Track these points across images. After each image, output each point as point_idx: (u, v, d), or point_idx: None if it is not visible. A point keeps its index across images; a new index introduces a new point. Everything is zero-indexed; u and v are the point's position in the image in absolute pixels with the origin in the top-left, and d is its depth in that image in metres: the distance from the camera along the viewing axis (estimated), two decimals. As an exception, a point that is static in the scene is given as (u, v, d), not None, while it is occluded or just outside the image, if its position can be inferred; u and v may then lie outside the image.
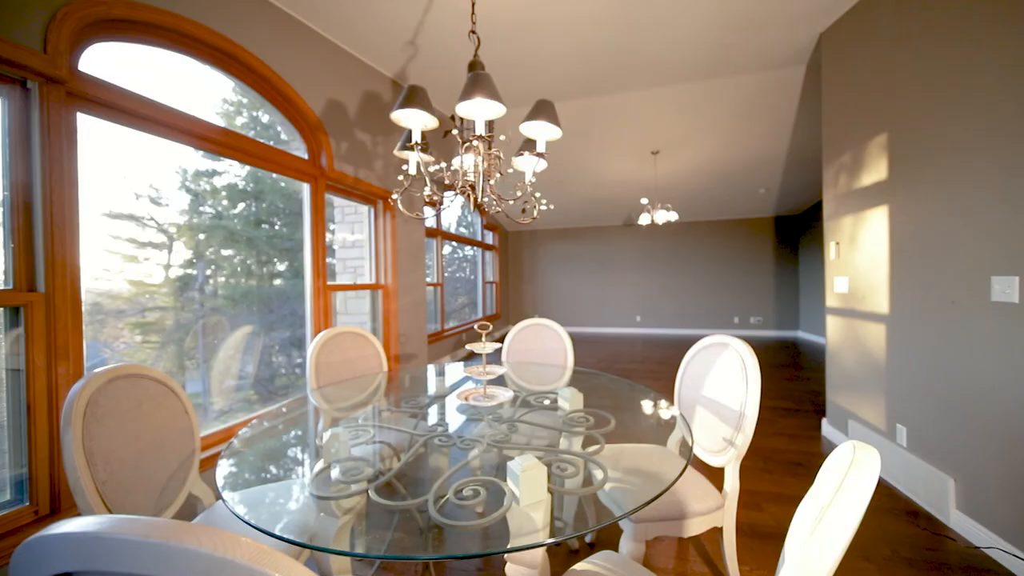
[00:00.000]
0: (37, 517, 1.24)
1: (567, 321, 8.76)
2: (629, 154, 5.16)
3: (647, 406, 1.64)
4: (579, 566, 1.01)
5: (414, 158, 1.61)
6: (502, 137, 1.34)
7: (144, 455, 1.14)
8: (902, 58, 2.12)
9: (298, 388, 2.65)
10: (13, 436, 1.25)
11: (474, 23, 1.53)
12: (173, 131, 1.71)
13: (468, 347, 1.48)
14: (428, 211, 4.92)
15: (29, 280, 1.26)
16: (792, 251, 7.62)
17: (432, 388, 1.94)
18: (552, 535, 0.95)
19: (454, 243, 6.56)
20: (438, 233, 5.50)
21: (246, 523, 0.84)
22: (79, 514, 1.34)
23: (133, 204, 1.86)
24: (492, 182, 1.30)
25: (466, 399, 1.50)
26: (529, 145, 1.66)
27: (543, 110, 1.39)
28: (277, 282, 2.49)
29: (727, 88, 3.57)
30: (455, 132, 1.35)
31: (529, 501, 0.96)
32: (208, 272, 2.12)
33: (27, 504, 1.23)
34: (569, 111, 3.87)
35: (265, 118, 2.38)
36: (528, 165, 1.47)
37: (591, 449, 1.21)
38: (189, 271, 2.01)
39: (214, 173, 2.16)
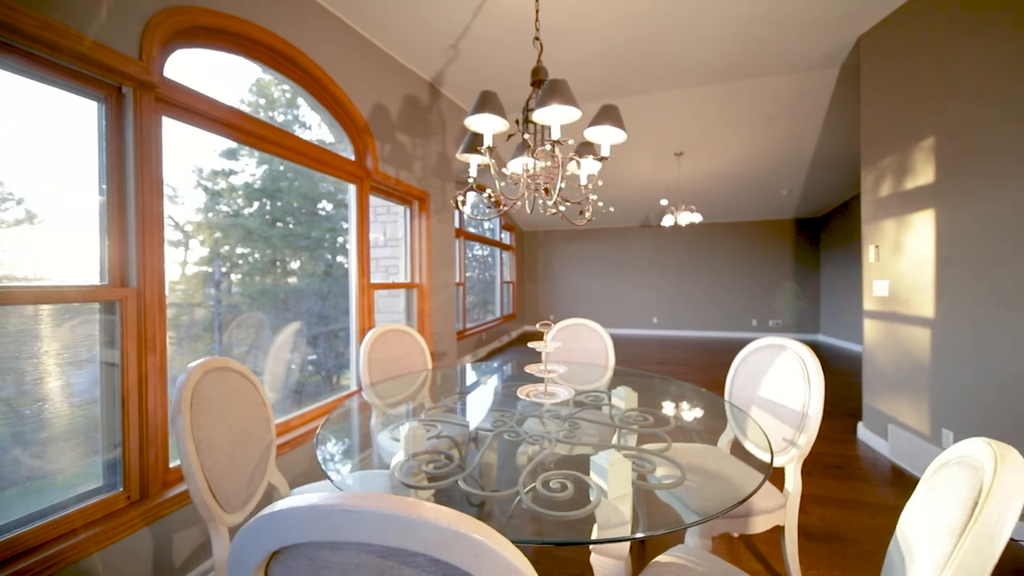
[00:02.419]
0: (129, 503, 1.30)
1: (582, 321, 8.76)
2: (652, 155, 5.17)
3: (701, 406, 1.66)
4: (662, 558, 1.05)
5: (475, 161, 1.66)
6: (570, 141, 1.38)
7: (235, 444, 1.20)
8: (950, 61, 2.11)
9: (312, 385, 2.63)
10: (106, 426, 1.31)
11: (538, 29, 1.57)
12: (237, 132, 1.77)
13: (531, 345, 1.52)
14: (461, 210, 4.96)
15: (122, 276, 1.33)
16: (813, 254, 7.55)
17: (486, 386, 1.98)
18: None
19: (463, 241, 6.60)
20: (461, 233, 5.56)
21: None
22: (189, 498, 1.40)
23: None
24: (563, 184, 1.34)
25: (527, 395, 1.54)
26: (584, 148, 1.69)
27: (609, 115, 1.42)
28: (292, 280, 2.53)
29: (756, 89, 3.57)
30: (526, 136, 1.39)
31: (617, 494, 0.99)
32: (224, 269, 2.15)
33: (121, 490, 1.30)
34: (593, 112, 3.89)
35: (280, 118, 2.42)
36: (592, 168, 1.50)
37: (659, 446, 1.25)
38: (206, 268, 2.05)
39: (231, 172, 2.19)
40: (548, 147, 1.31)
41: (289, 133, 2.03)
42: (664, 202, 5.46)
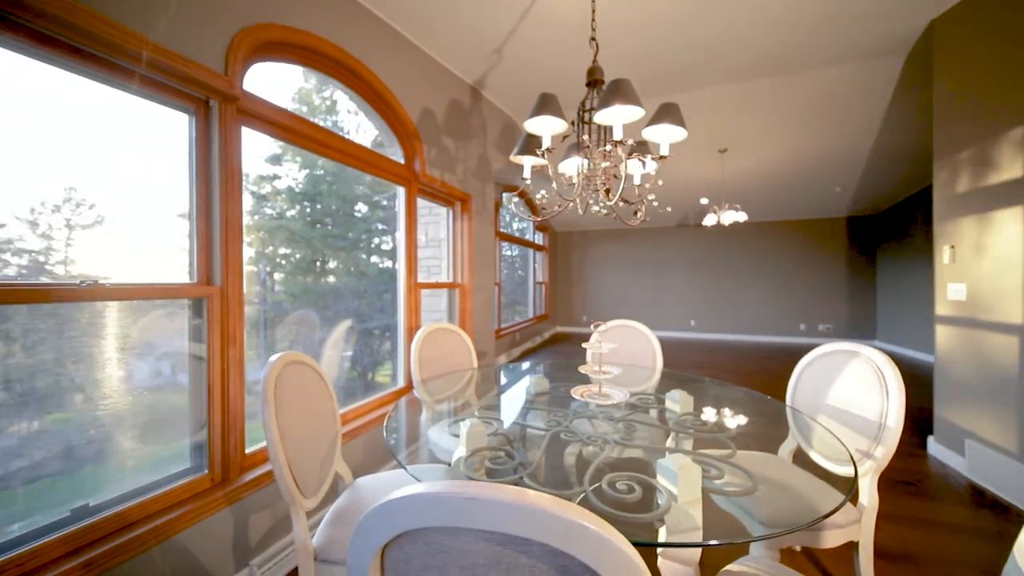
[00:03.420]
0: (213, 484, 1.41)
1: (616, 323, 8.61)
2: (694, 153, 5.01)
3: (758, 411, 1.60)
4: (732, 567, 1.02)
5: (529, 162, 1.68)
6: (629, 141, 1.37)
7: (309, 433, 1.27)
8: (1045, 44, 1.92)
9: (350, 381, 2.69)
10: (193, 413, 1.43)
11: (594, 30, 1.56)
12: (300, 138, 1.88)
13: (584, 345, 1.52)
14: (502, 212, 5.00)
15: (208, 275, 1.44)
16: (869, 254, 7.07)
17: (532, 385, 1.99)
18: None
19: (498, 242, 6.63)
20: (497, 234, 5.60)
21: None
22: (263, 482, 1.50)
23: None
24: (625, 184, 1.33)
25: (581, 396, 1.54)
26: (638, 147, 1.67)
27: (668, 113, 1.39)
28: (331, 279, 2.61)
29: (811, 82, 3.39)
30: (584, 137, 1.39)
31: (686, 499, 0.97)
32: (268, 269, 2.25)
33: (206, 472, 1.41)
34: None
35: (320, 124, 2.47)
36: (651, 168, 1.48)
37: (723, 452, 1.21)
38: (252, 268, 2.14)
39: (275, 177, 2.30)
40: (609, 147, 1.30)
41: (349, 140, 2.13)
42: (704, 200, 5.27)
